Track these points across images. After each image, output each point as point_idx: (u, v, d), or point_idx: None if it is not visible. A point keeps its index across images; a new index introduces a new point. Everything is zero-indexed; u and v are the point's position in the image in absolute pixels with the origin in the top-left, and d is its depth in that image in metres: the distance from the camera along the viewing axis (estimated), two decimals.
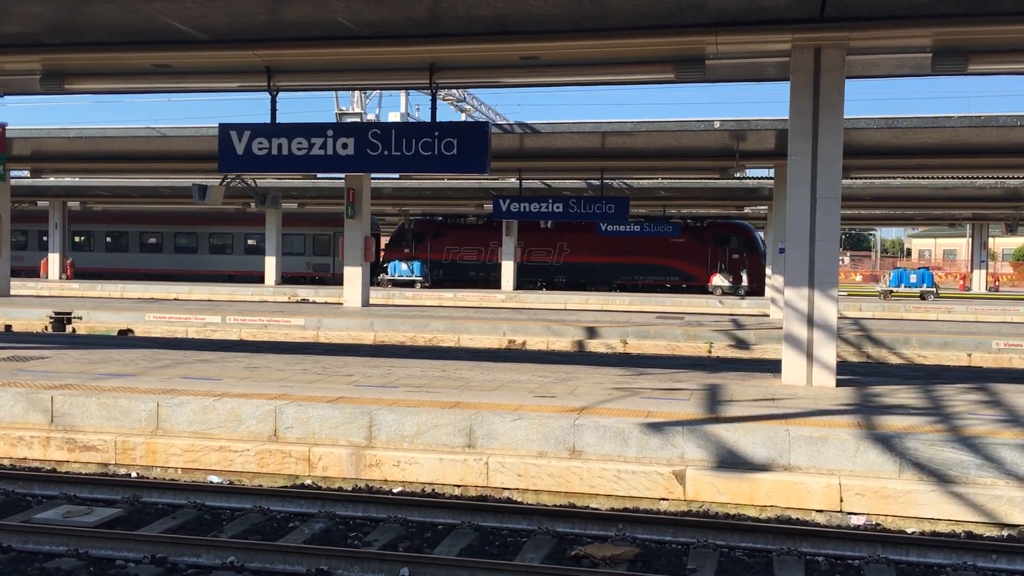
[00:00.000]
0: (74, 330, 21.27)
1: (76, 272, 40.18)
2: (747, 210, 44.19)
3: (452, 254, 40.50)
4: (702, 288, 36.97)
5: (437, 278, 39.97)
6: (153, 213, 43.68)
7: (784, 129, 19.05)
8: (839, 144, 10.49)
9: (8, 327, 21.01)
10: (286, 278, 39.04)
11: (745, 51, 11.15)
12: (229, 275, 40.51)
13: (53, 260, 39.46)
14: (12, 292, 27.22)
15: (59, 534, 6.49)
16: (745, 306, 29.84)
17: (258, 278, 38.65)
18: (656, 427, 8.14)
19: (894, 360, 17.97)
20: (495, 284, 38.07)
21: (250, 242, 41.33)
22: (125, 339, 17.89)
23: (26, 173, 31.88)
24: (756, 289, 35.82)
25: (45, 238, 41.62)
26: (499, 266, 37.94)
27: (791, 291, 10.65)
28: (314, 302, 29.61)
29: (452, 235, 40.92)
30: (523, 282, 38.42)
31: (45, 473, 8.47)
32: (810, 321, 10.57)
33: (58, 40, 11.50)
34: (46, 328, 21.40)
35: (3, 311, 21.93)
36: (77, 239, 43.29)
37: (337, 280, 38.85)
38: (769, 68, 12.30)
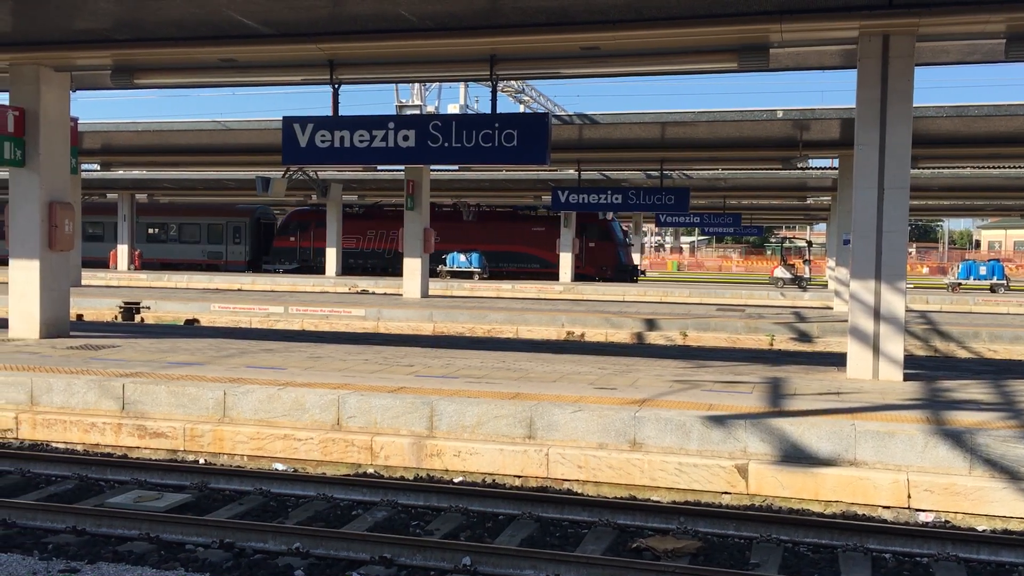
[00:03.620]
0: (142, 319, 21.80)
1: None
2: (809, 201, 43.47)
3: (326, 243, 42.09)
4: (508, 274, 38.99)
5: (319, 265, 41.24)
6: None
7: (850, 118, 18.67)
8: (908, 133, 10.26)
9: (80, 316, 21.61)
10: (181, 265, 41.60)
11: (810, 39, 10.95)
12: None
13: (122, 251, 40.45)
14: (83, 282, 28.01)
15: (131, 518, 6.67)
16: (807, 298, 29.38)
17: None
18: (718, 420, 8.06)
19: (963, 354, 17.54)
20: (395, 272, 38.76)
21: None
22: (191, 328, 18.27)
23: (96, 166, 32.71)
24: (611, 276, 38.73)
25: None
26: (377, 253, 39.67)
27: (857, 283, 10.46)
28: (374, 293, 29.91)
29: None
30: (400, 270, 39.33)
31: (117, 459, 8.71)
32: (877, 314, 10.37)
33: (128, 36, 11.76)
34: (116, 317, 21.96)
35: (75, 301, 22.55)
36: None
37: (229, 268, 41.60)
38: (834, 56, 12.07)
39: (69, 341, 13.12)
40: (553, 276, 37.84)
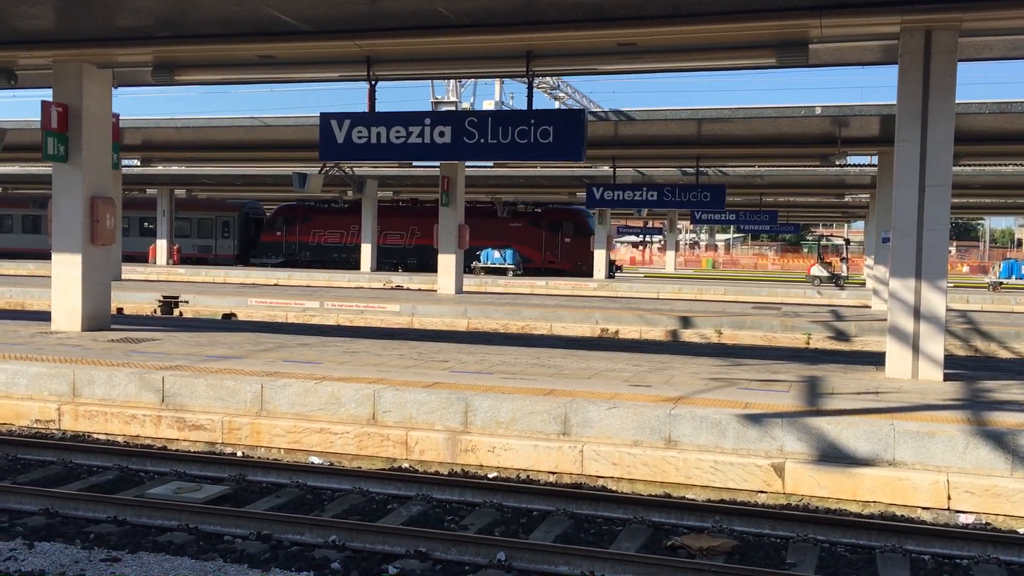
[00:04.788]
0: (181, 313, 22.07)
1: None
2: (847, 198, 43.01)
3: (318, 237, 42.53)
4: (536, 270, 38.90)
5: (304, 259, 42.02)
6: None
7: (890, 115, 18.43)
8: (950, 130, 10.11)
9: (120, 310, 21.91)
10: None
11: (850, 34, 10.84)
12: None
13: (161, 246, 40.96)
14: (123, 276, 28.39)
15: (171, 509, 6.76)
16: (845, 297, 29.07)
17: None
18: (754, 418, 8.01)
19: (1004, 354, 17.27)
20: (355, 266, 39.46)
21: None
22: (229, 323, 18.47)
23: (136, 162, 33.16)
24: (586, 271, 38.77)
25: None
26: (358, 247, 39.56)
27: (896, 282, 10.33)
28: (408, 288, 30.04)
29: (316, 219, 42.81)
30: (380, 263, 40.29)
31: (157, 450, 8.83)
32: (916, 313, 10.24)
33: (169, 33, 11.90)
34: (155, 311, 22.25)
35: (115, 295, 22.87)
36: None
37: (218, 262, 42.34)
38: (874, 52, 11.92)
39: (110, 334, 13.32)
40: (536, 272, 38.18)
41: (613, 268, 41.28)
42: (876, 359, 12.22)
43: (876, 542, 6.51)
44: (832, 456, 7.75)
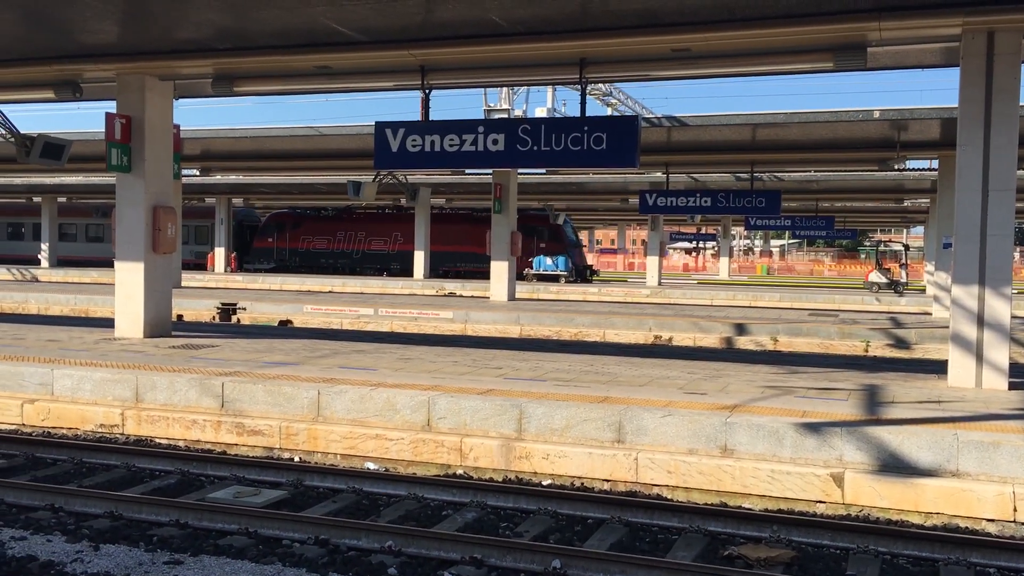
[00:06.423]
0: (239, 320, 22.44)
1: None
2: (906, 203, 42.21)
3: (306, 243, 43.32)
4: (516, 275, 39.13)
5: (294, 264, 43.14)
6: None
7: (951, 118, 18.06)
8: (1014, 133, 9.88)
9: (180, 317, 22.36)
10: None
11: (910, 37, 10.64)
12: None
13: (219, 254, 41.68)
14: (182, 284, 28.94)
15: (231, 513, 6.87)
16: (904, 304, 28.53)
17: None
18: (812, 427, 7.90)
19: None
20: (340, 270, 41.61)
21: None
22: (286, 329, 18.73)
23: (196, 171, 33.82)
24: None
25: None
26: (343, 253, 41.71)
27: (959, 289, 10.12)
28: (461, 295, 30.17)
29: (305, 226, 43.55)
30: (365, 269, 41.49)
31: (216, 455, 8.98)
32: (980, 320, 10.02)
33: (228, 45, 12.14)
34: (213, 318, 22.66)
35: (175, 302, 23.34)
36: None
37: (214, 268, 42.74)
38: (935, 54, 11.72)
39: (171, 341, 13.59)
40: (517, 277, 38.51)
41: (587, 271, 40.77)
42: (938, 367, 11.98)
43: (939, 554, 6.37)
44: (893, 466, 7.61)
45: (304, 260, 43.17)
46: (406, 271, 40.21)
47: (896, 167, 24.55)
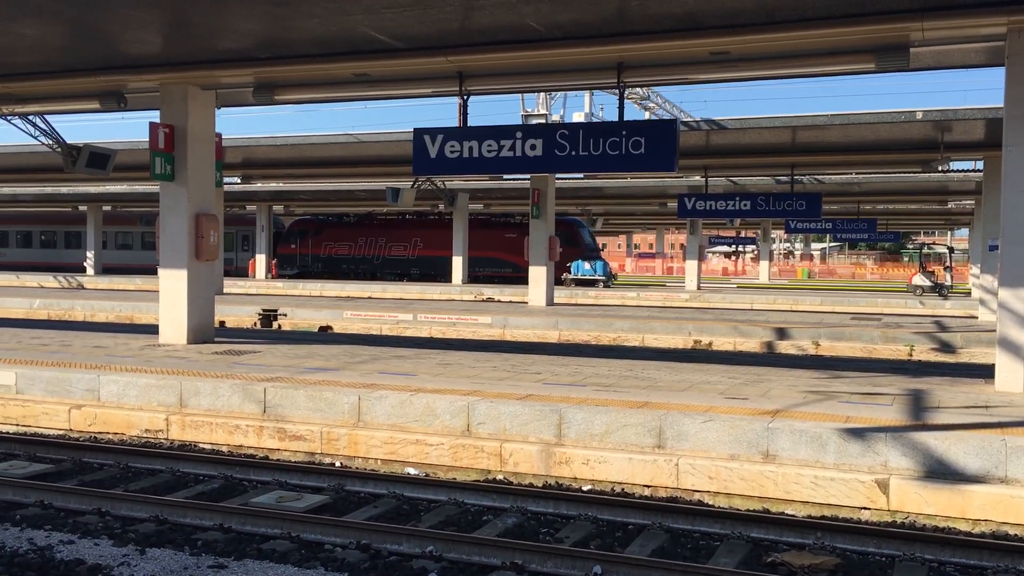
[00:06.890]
0: (279, 326, 22.65)
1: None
2: (951, 205, 41.56)
3: (328, 249, 43.70)
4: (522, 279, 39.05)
5: (316, 270, 43.65)
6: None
7: (996, 118, 17.77)
8: None
9: (222, 323, 22.63)
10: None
11: (953, 36, 10.48)
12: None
13: (260, 260, 42.14)
14: (224, 290, 29.28)
15: (274, 517, 6.93)
16: (949, 307, 28.09)
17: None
18: (856, 433, 7.80)
19: None
20: (361, 276, 42.49)
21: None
22: (326, 335, 18.88)
23: (237, 179, 34.23)
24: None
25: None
26: (364, 259, 42.43)
27: (1007, 292, 9.94)
28: (499, 301, 30.21)
29: (327, 233, 43.95)
30: (386, 274, 41.81)
31: (259, 460, 9.07)
32: None
33: (269, 54, 12.28)
34: (255, 324, 22.90)
35: (218, 308, 23.62)
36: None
37: (238, 273, 43.76)
38: (979, 54, 11.52)
39: (214, 347, 13.76)
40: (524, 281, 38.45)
41: (610, 276, 40.38)
42: (984, 372, 11.77)
43: (988, 562, 6.26)
44: (939, 472, 7.49)
45: (326, 266, 43.62)
46: (425, 276, 40.47)
47: (940, 168, 24.14)
